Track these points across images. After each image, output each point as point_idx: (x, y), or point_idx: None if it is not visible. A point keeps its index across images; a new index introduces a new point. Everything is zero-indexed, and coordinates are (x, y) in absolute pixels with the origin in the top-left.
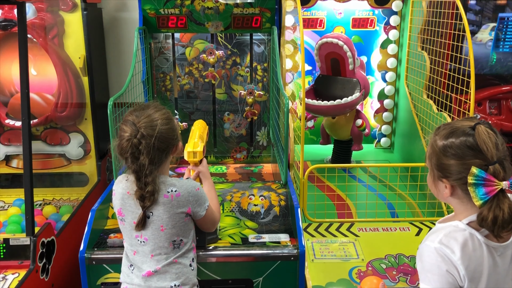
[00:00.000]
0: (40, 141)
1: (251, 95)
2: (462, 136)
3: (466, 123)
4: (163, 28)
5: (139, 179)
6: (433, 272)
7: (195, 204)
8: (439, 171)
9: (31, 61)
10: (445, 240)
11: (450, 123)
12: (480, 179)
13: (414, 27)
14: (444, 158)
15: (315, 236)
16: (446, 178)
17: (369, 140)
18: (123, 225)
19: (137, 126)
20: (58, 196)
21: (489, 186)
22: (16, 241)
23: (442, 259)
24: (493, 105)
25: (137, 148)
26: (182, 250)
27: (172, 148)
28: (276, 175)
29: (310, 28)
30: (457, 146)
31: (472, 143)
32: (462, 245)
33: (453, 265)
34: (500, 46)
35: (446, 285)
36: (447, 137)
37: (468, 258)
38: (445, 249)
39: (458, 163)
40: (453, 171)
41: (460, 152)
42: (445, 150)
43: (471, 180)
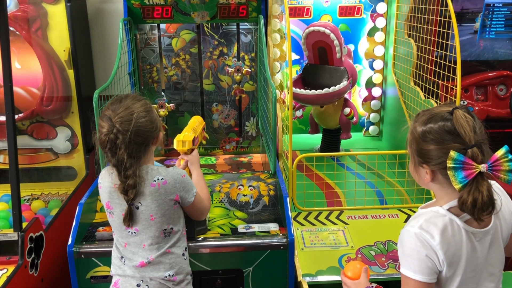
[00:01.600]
0: (26, 136)
1: (238, 72)
2: (441, 121)
3: (444, 109)
4: (148, 19)
5: (120, 172)
6: (412, 257)
7: (183, 190)
8: (420, 157)
9: (15, 54)
10: (425, 225)
11: (429, 109)
12: (459, 163)
13: (401, 14)
14: (423, 144)
15: (304, 225)
16: (427, 163)
17: (357, 128)
18: (112, 217)
19: (113, 122)
20: (47, 190)
21: (468, 169)
22: (4, 237)
23: (422, 244)
24: (479, 91)
25: (115, 143)
26: (174, 239)
27: (151, 140)
28: (266, 165)
29: (297, 16)
30: (435, 131)
31: (450, 128)
32: (441, 231)
33: (432, 250)
34: (486, 33)
35: (425, 269)
36: (426, 123)
37: (447, 243)
38: (425, 234)
39: (437, 148)
40: (432, 156)
41: (439, 137)
42: (424, 135)
43: (450, 164)
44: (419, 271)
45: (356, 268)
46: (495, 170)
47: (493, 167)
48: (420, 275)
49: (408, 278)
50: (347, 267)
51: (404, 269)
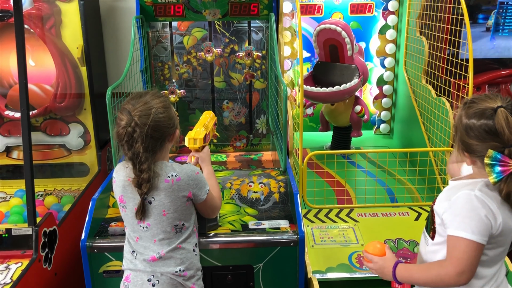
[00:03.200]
0: (40, 132)
1: (249, 56)
2: (483, 119)
3: (490, 104)
4: (160, 16)
5: (135, 166)
6: (471, 217)
7: (196, 187)
8: (463, 145)
9: (29, 52)
10: (484, 190)
11: (476, 99)
12: (496, 160)
13: (413, 12)
14: (466, 137)
15: (314, 222)
16: (468, 153)
17: (368, 126)
18: (125, 212)
19: (132, 115)
20: (59, 186)
21: (504, 166)
22: (18, 231)
23: (482, 205)
24: (492, 89)
25: (132, 136)
26: (185, 235)
27: (168, 136)
28: (276, 163)
29: (308, 14)
30: (477, 128)
31: (491, 127)
32: (496, 196)
33: (492, 212)
34: (500, 31)
35: (483, 230)
36: (470, 117)
37: (502, 209)
38: (485, 196)
39: (478, 144)
40: (474, 150)
41: (479, 135)
42: (467, 130)
43: (487, 161)
44: (477, 232)
45: (378, 247)
46: None
47: None
48: (477, 235)
49: (461, 239)
50: (368, 246)
51: (458, 231)
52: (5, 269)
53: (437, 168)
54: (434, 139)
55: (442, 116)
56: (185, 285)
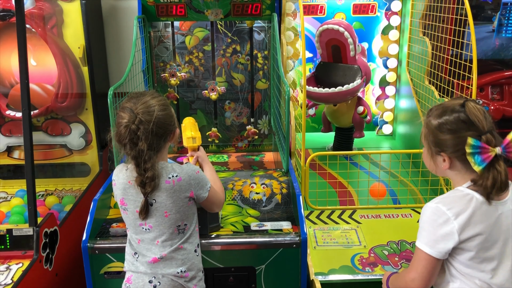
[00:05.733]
0: (41, 132)
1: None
2: (455, 113)
3: (456, 102)
4: (162, 16)
5: (138, 165)
6: (429, 231)
7: (197, 187)
8: (437, 146)
9: (31, 51)
10: (442, 200)
11: (440, 104)
12: (477, 148)
13: (416, 13)
14: (440, 134)
15: (317, 224)
16: (444, 151)
17: (370, 127)
18: (126, 214)
19: (135, 112)
20: (60, 186)
21: (485, 153)
22: (19, 232)
23: (438, 216)
24: (495, 90)
25: (135, 134)
26: (187, 235)
27: (170, 134)
28: (278, 163)
29: (311, 14)
30: (451, 121)
31: (465, 118)
32: (461, 204)
33: (450, 222)
34: (503, 32)
35: (436, 243)
36: (440, 116)
37: (467, 215)
38: (442, 207)
39: (453, 137)
40: (449, 145)
41: (455, 127)
42: (440, 127)
43: (468, 150)
44: (432, 245)
45: None
46: (508, 152)
47: (506, 149)
48: (431, 249)
49: (418, 249)
50: None
51: (418, 241)
52: (6, 269)
53: None
54: None
55: None
56: (187, 287)
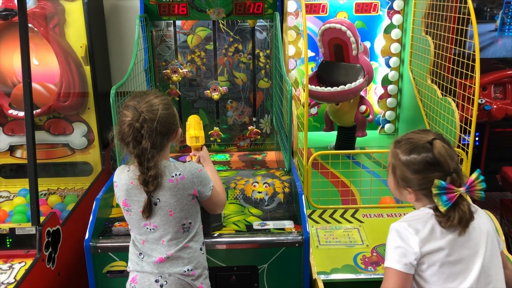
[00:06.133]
0: (43, 131)
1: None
2: (423, 152)
3: (424, 138)
4: (164, 15)
5: (141, 163)
6: (391, 248)
7: (200, 185)
8: (403, 181)
9: (33, 51)
10: (407, 218)
11: (409, 136)
12: (442, 189)
13: (418, 11)
14: (407, 172)
15: (319, 223)
16: (410, 187)
17: (373, 126)
18: (130, 215)
19: (138, 111)
20: (63, 185)
21: (450, 193)
22: (22, 231)
23: (399, 236)
24: (498, 89)
25: (139, 132)
26: (192, 234)
27: (172, 133)
28: (280, 163)
29: (313, 13)
30: (419, 162)
31: (432, 158)
32: (422, 220)
33: (412, 236)
34: (506, 30)
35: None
36: (409, 153)
37: (428, 230)
38: (404, 227)
39: (420, 177)
40: (416, 184)
41: (422, 167)
42: (408, 165)
43: (435, 191)
44: (397, 259)
45: None
46: (472, 191)
47: (470, 189)
48: (396, 263)
49: (388, 269)
50: None
51: (386, 262)
52: (9, 268)
53: None
54: None
55: (448, 116)
56: (193, 285)
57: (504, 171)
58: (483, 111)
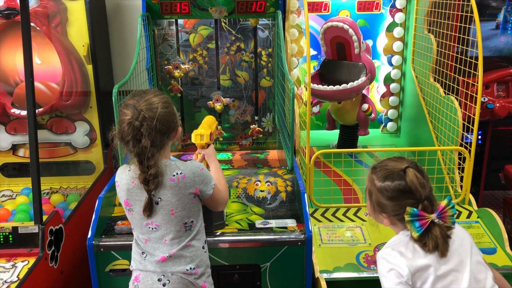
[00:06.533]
0: (46, 130)
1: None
2: (396, 180)
3: (398, 166)
4: (166, 14)
5: (141, 162)
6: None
7: (201, 183)
8: (379, 206)
9: (35, 49)
10: (390, 244)
11: (385, 163)
12: (414, 216)
13: (421, 10)
14: (381, 198)
15: (322, 221)
16: (385, 213)
17: (375, 124)
18: (132, 215)
19: (138, 109)
20: (65, 184)
21: (422, 220)
22: (25, 229)
23: (387, 262)
24: (501, 87)
25: (139, 131)
26: (194, 232)
27: (172, 132)
28: (282, 161)
29: (315, 12)
30: (392, 189)
31: (405, 186)
32: (404, 242)
33: (398, 258)
34: (509, 28)
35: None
36: (383, 180)
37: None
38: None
39: (394, 204)
40: (390, 210)
41: (395, 195)
42: (382, 191)
43: (407, 218)
44: (393, 283)
45: None
46: (443, 217)
47: (441, 215)
48: (396, 286)
49: None
50: None
51: None
52: (12, 267)
53: (445, 167)
54: (442, 137)
55: (451, 115)
56: (196, 284)
57: (507, 170)
58: (486, 110)
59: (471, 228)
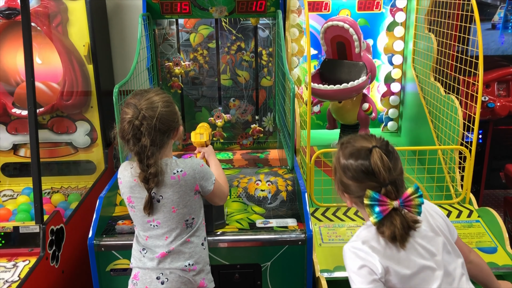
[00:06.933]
0: (46, 130)
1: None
2: (360, 159)
3: (365, 144)
4: (167, 14)
5: (141, 161)
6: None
7: (202, 179)
8: (342, 185)
9: (36, 49)
10: (359, 237)
11: (353, 140)
12: (375, 200)
13: (421, 9)
14: (344, 178)
15: (322, 221)
16: (348, 194)
17: (376, 124)
18: (134, 212)
19: (138, 108)
20: (66, 184)
21: (382, 205)
22: (26, 229)
23: (356, 256)
24: (501, 86)
25: (139, 130)
26: (194, 228)
27: (173, 131)
28: (283, 161)
29: (315, 11)
30: (354, 169)
31: (367, 167)
32: (372, 234)
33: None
34: (509, 28)
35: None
36: (348, 157)
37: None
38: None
39: (356, 185)
40: (352, 190)
41: (356, 175)
42: (344, 170)
43: (366, 201)
44: (365, 282)
45: None
46: (407, 205)
47: (405, 203)
48: (367, 284)
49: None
50: None
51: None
52: (13, 267)
53: (445, 166)
54: (442, 137)
55: (451, 114)
56: (194, 281)
57: (508, 169)
58: (486, 109)
59: (472, 228)
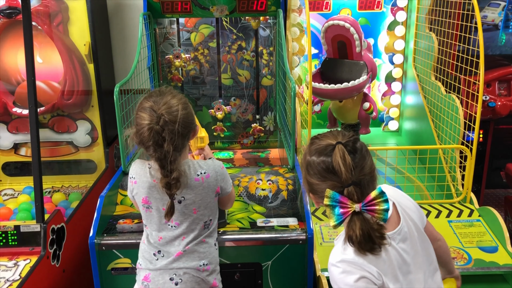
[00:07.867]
0: (47, 129)
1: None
2: (323, 156)
3: (330, 141)
4: (167, 13)
5: (164, 167)
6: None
7: (223, 181)
8: (306, 184)
9: (37, 49)
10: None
11: (320, 136)
12: (335, 201)
13: (422, 8)
14: (308, 176)
15: (323, 220)
16: (313, 193)
17: (376, 123)
18: (150, 212)
19: (158, 113)
20: (67, 183)
21: (343, 207)
22: (27, 228)
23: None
24: (502, 86)
25: (160, 136)
26: (210, 229)
27: (191, 132)
28: (284, 160)
29: (316, 10)
30: (316, 166)
31: (328, 165)
32: None
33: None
34: (510, 27)
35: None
36: (312, 153)
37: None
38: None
39: (319, 183)
40: (316, 190)
41: (318, 173)
42: (307, 168)
43: (326, 201)
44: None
45: None
46: (370, 210)
47: (367, 207)
48: None
49: None
50: None
51: None
52: (14, 266)
53: (446, 165)
54: (443, 136)
55: (452, 113)
56: (207, 281)
57: (509, 168)
58: (487, 108)
59: (473, 227)
